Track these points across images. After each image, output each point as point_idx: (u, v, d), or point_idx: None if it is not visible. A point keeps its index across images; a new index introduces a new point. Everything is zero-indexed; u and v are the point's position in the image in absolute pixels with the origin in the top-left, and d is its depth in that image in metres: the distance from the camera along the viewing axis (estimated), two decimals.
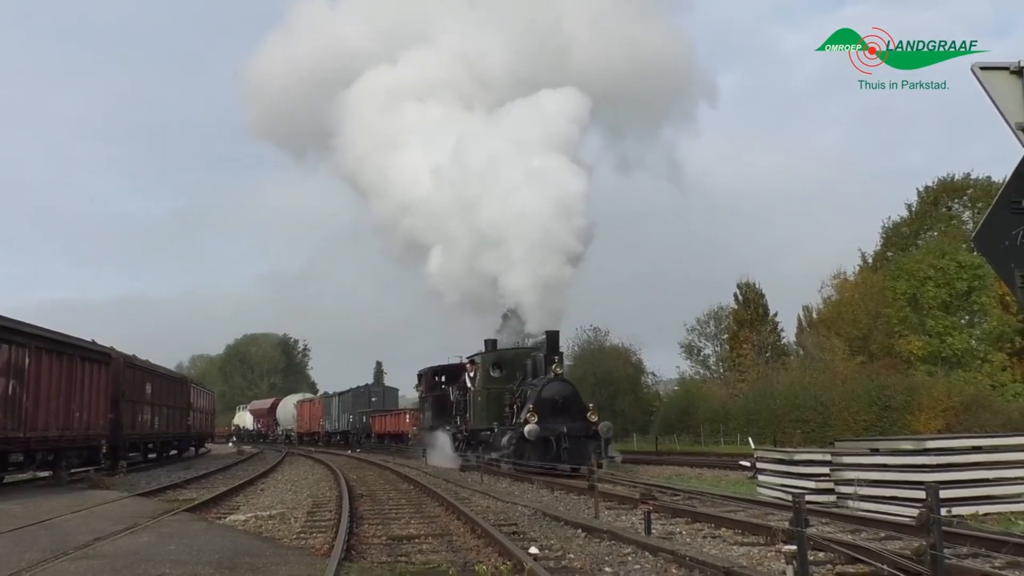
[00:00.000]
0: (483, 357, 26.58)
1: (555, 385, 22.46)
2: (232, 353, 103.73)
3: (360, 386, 56.51)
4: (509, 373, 25.46)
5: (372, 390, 56.09)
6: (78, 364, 19.81)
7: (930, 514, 6.07)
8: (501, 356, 26.52)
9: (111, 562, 8.53)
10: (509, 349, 26.77)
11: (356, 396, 54.10)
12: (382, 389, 57.28)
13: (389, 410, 48.87)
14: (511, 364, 25.70)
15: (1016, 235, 4.88)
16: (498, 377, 25.73)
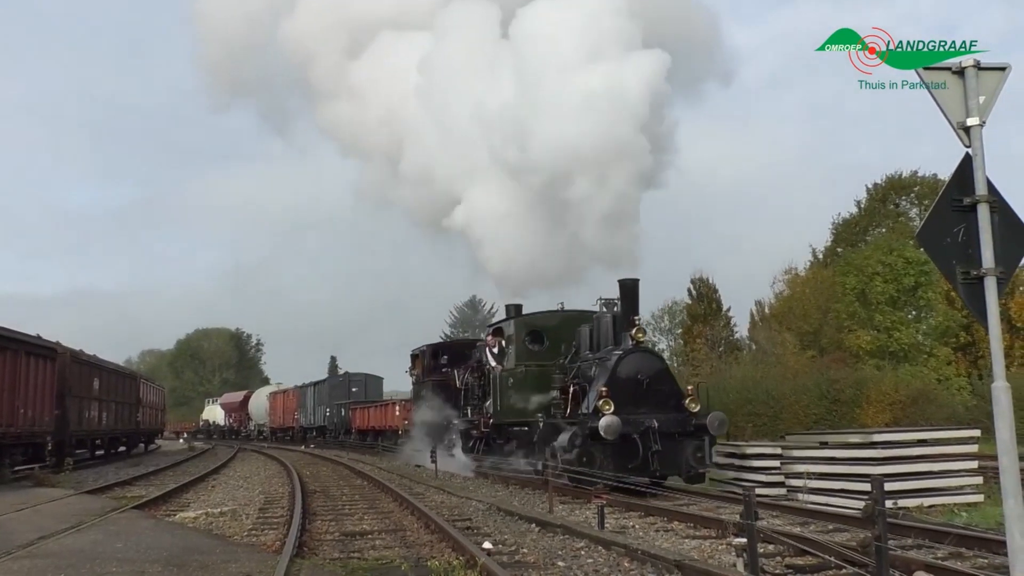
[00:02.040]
0: (515, 324, 19.09)
1: (636, 359, 15.45)
2: (183, 348, 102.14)
3: (338, 374, 50.39)
4: (552, 345, 18.56)
5: (352, 379, 48.76)
6: (22, 359, 19.34)
7: (875, 506, 6.19)
8: (542, 322, 19.31)
9: (55, 561, 8.35)
10: (552, 312, 19.52)
11: (333, 386, 47.99)
12: (364, 378, 49.25)
13: (372, 401, 41.36)
14: (556, 332, 18.76)
15: (957, 232, 4.99)
16: (538, 351, 18.70)
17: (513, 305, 20.61)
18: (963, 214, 5.02)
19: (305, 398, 51.93)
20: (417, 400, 27.12)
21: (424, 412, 25.30)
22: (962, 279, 4.98)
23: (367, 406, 40.10)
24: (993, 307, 4.96)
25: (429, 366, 25.86)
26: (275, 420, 57.84)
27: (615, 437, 14.03)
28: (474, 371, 21.77)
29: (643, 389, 15.15)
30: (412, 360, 28.09)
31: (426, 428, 24.92)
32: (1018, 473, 4.93)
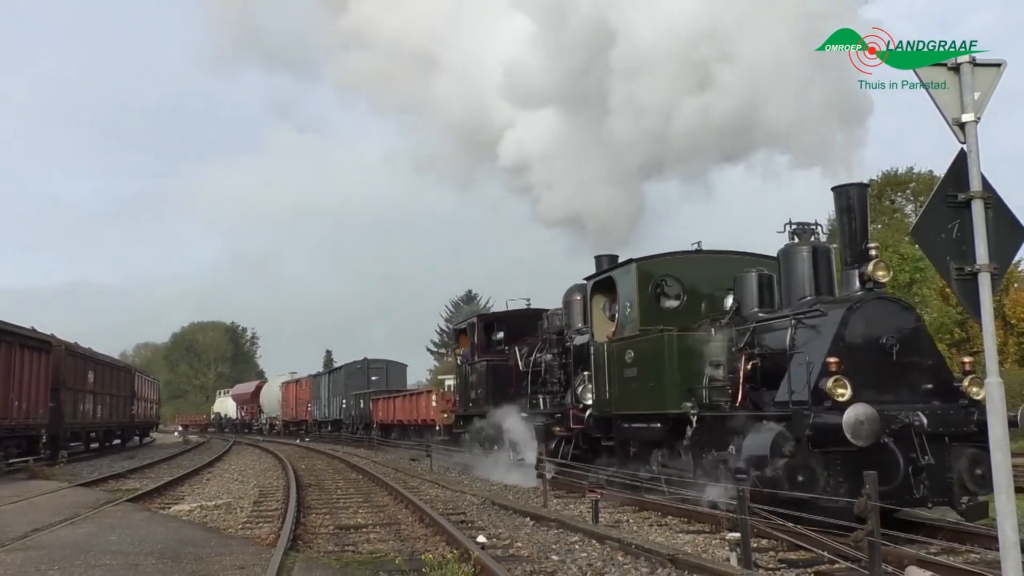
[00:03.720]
0: (637, 273, 12.83)
1: (877, 311, 9.71)
2: (178, 341, 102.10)
3: (356, 361, 43.71)
4: (691, 301, 12.87)
5: (372, 365, 42.75)
6: (16, 352, 19.34)
7: (868, 501, 6.22)
8: (679, 268, 13.11)
9: (50, 553, 8.36)
10: (690, 253, 13.32)
11: (351, 374, 42.35)
12: (385, 365, 43.54)
13: (398, 391, 35.68)
14: (700, 283, 12.99)
15: (952, 228, 5.00)
16: (673, 310, 12.76)
17: (607, 256, 15.02)
18: (958, 210, 5.03)
19: (319, 388, 46.88)
20: (464, 387, 21.28)
21: (473, 401, 20.25)
22: (956, 275, 4.99)
23: (392, 396, 33.98)
24: (987, 303, 4.97)
25: (480, 343, 20.17)
26: (287, 412, 53.27)
27: (867, 441, 8.49)
28: (550, 346, 16.67)
29: (891, 362, 9.42)
30: (456, 336, 22.79)
31: (476, 422, 19.70)
32: (1010, 469, 4.95)
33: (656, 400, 11.78)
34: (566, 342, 15.96)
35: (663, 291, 13.00)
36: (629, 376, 12.55)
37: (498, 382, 18.67)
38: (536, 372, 17.14)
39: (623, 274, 13.36)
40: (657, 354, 11.84)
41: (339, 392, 42.61)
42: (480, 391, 19.55)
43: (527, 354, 17.78)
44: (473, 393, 20.18)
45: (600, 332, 14.03)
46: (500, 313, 21.31)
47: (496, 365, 19.15)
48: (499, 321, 20.79)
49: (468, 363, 20.90)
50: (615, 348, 13.08)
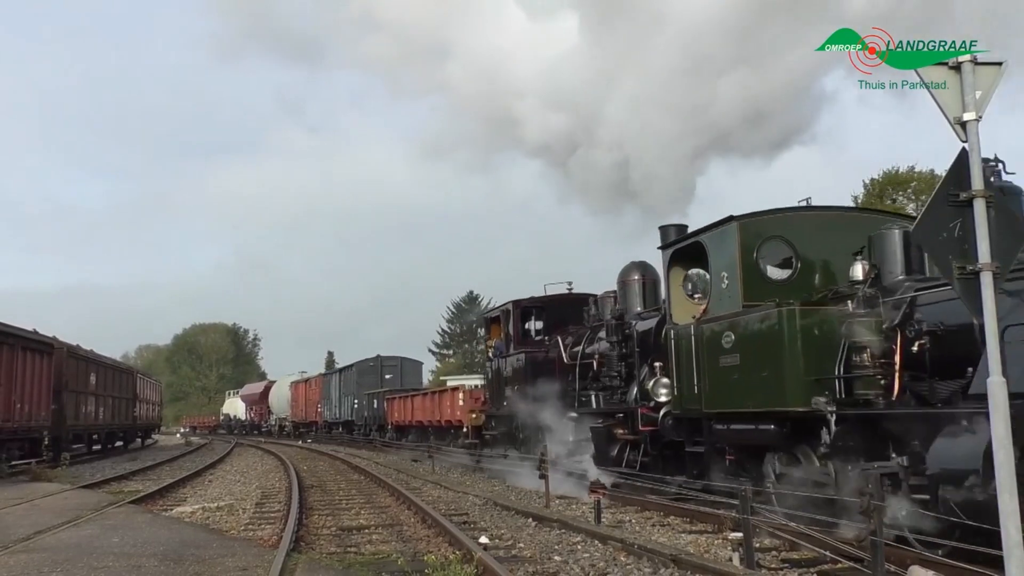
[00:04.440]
0: (739, 234, 10.21)
1: None
2: (180, 343, 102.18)
3: (368, 358, 41.21)
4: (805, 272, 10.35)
5: (385, 363, 40.71)
6: (18, 354, 19.36)
7: (871, 501, 6.21)
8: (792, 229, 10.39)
9: (52, 555, 8.36)
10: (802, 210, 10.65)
11: (363, 372, 40.07)
12: (399, 362, 41.65)
13: (415, 390, 32.87)
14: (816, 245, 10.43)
15: (953, 227, 5.00)
16: (785, 281, 10.26)
17: (675, 225, 12.70)
18: (959, 209, 5.03)
19: (329, 387, 44.74)
20: (496, 383, 19.00)
21: (507, 399, 17.91)
22: (958, 274, 4.99)
23: (409, 395, 30.99)
24: (989, 302, 4.97)
25: (516, 333, 18.02)
26: (296, 413, 51.24)
27: None
28: (609, 333, 13.86)
29: None
30: (487, 326, 20.63)
31: (515, 424, 17.57)
32: (1013, 469, 4.95)
33: (771, 395, 9.24)
34: (626, 328, 13.59)
35: (770, 258, 10.35)
36: (728, 365, 10.01)
37: (538, 377, 16.37)
38: (586, 365, 14.89)
39: (719, 238, 10.55)
40: (773, 336, 9.20)
41: (350, 391, 40.35)
42: (516, 387, 17.23)
43: (572, 344, 15.70)
44: (508, 390, 17.78)
45: (681, 313, 11.48)
46: (539, 299, 18.45)
47: (536, 357, 16.87)
48: (538, 308, 18.40)
49: (501, 356, 18.45)
50: (706, 331, 10.52)
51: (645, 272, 14.35)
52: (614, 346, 13.82)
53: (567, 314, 17.24)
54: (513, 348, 18.01)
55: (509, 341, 18.31)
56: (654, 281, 14.41)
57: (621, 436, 13.26)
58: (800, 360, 8.92)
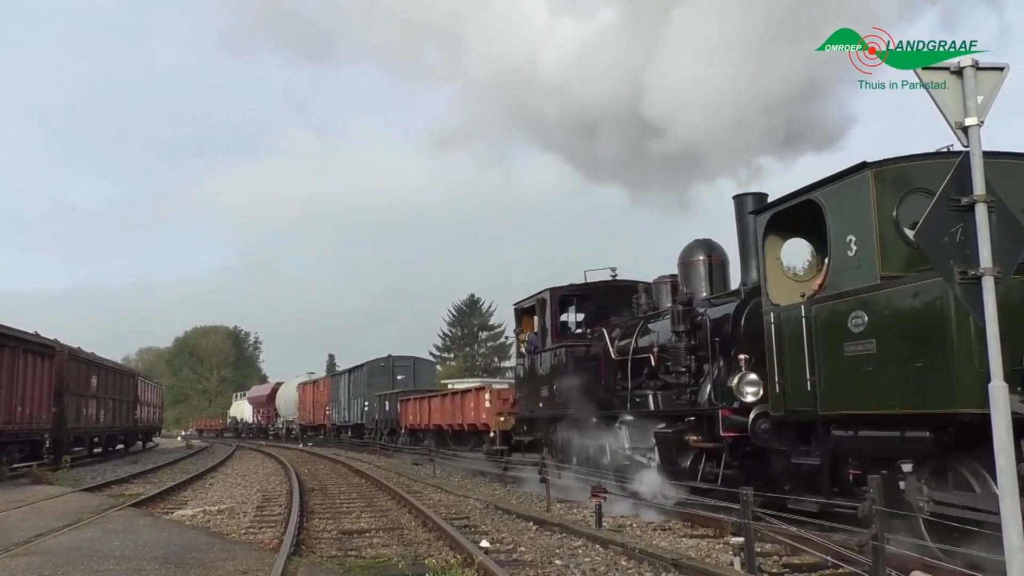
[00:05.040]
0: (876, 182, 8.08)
1: None
2: (181, 346, 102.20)
3: (379, 358, 39.07)
4: None
5: (397, 363, 38.71)
6: (20, 357, 19.37)
7: (873, 506, 6.20)
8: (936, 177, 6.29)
9: (53, 558, 8.36)
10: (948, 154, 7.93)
11: (373, 373, 37.86)
12: (412, 362, 39.77)
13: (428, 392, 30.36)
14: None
15: (955, 232, 5.00)
16: None
17: (752, 194, 11.11)
18: (961, 214, 5.03)
19: (338, 389, 42.68)
20: (530, 381, 16.87)
21: (548, 402, 15.76)
22: (960, 279, 4.99)
23: (426, 397, 28.50)
24: (991, 306, 4.96)
25: (554, 325, 15.92)
26: (304, 416, 49.41)
27: None
28: (677, 321, 11.60)
29: None
30: (518, 318, 18.10)
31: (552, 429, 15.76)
32: (1015, 472, 4.95)
33: (928, 392, 7.25)
34: (695, 316, 11.53)
35: (914, 216, 7.45)
36: (857, 354, 8.01)
37: (581, 375, 14.49)
38: (640, 360, 12.91)
39: (843, 192, 8.54)
40: (935, 316, 7.21)
41: (360, 393, 38.30)
42: (555, 386, 15.20)
43: (620, 337, 13.79)
44: (544, 389, 15.77)
45: (782, 291, 9.66)
46: (580, 286, 16.25)
47: (578, 352, 14.84)
48: (579, 296, 16.24)
49: (537, 351, 16.35)
50: (823, 312, 8.53)
51: (712, 252, 12.43)
52: (681, 337, 11.53)
53: (611, 303, 15.36)
54: (551, 342, 15.78)
55: (545, 334, 16.04)
56: (722, 262, 12.58)
57: (695, 444, 10.93)
58: (975, 348, 6.68)
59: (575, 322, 16.40)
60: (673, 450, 11.30)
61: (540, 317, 16.40)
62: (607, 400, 13.87)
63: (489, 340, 72.91)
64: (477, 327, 72.98)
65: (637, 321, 13.61)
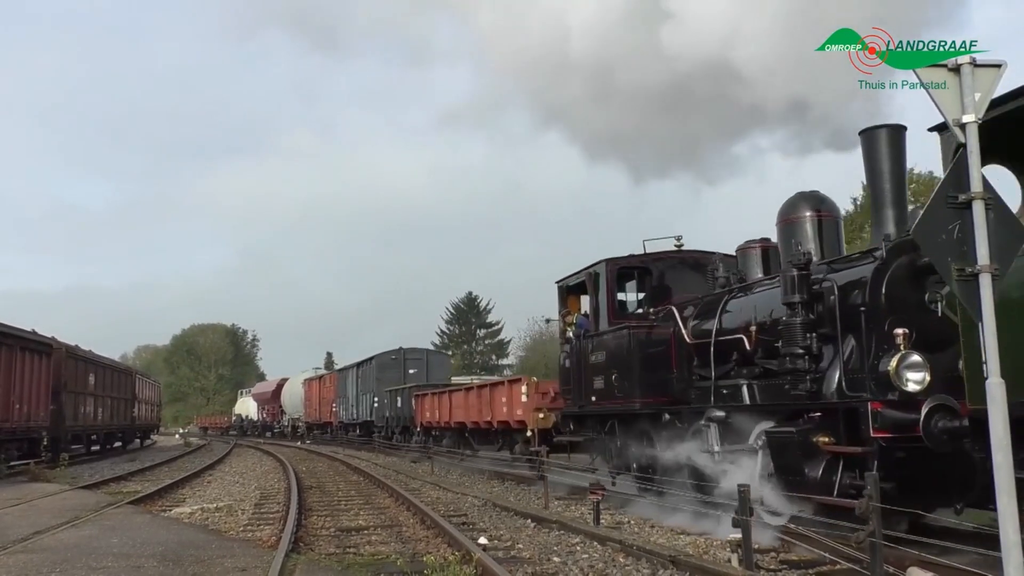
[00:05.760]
0: None
1: None
2: (179, 343, 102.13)
3: (390, 351, 36.18)
4: None
5: (409, 356, 35.89)
6: (17, 354, 19.36)
7: (870, 503, 6.22)
8: None
9: (51, 556, 8.36)
10: None
11: (383, 366, 35.04)
12: (424, 355, 36.98)
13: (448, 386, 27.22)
14: None
15: (952, 229, 5.00)
16: None
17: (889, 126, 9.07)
18: (958, 211, 5.03)
19: (345, 385, 39.91)
20: (580, 371, 14.02)
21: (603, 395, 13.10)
22: (957, 276, 4.99)
23: (446, 391, 25.20)
24: (988, 304, 4.97)
25: (610, 303, 13.35)
26: (310, 413, 47.05)
27: None
28: (789, 290, 9.08)
29: None
30: (563, 297, 15.29)
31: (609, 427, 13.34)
32: (1012, 470, 4.95)
33: None
34: (816, 283, 9.11)
35: None
36: None
37: (648, 362, 12.03)
38: (727, 343, 10.65)
39: None
40: None
41: (369, 388, 35.40)
42: (613, 376, 12.65)
43: (696, 316, 11.66)
44: (598, 380, 13.19)
45: None
46: (644, 257, 13.67)
47: (642, 335, 12.22)
48: (640, 269, 13.63)
49: (588, 335, 13.77)
50: None
51: (821, 205, 10.25)
52: (796, 310, 9.02)
53: (679, 278, 13.26)
54: (606, 323, 13.19)
55: (598, 315, 13.47)
56: (834, 219, 10.57)
57: (828, 447, 8.29)
58: None
59: (635, 300, 13.84)
60: (796, 455, 8.53)
61: (592, 295, 13.77)
62: (682, 392, 11.60)
63: (487, 338, 73.00)
64: (475, 325, 73.05)
65: (718, 296, 11.34)
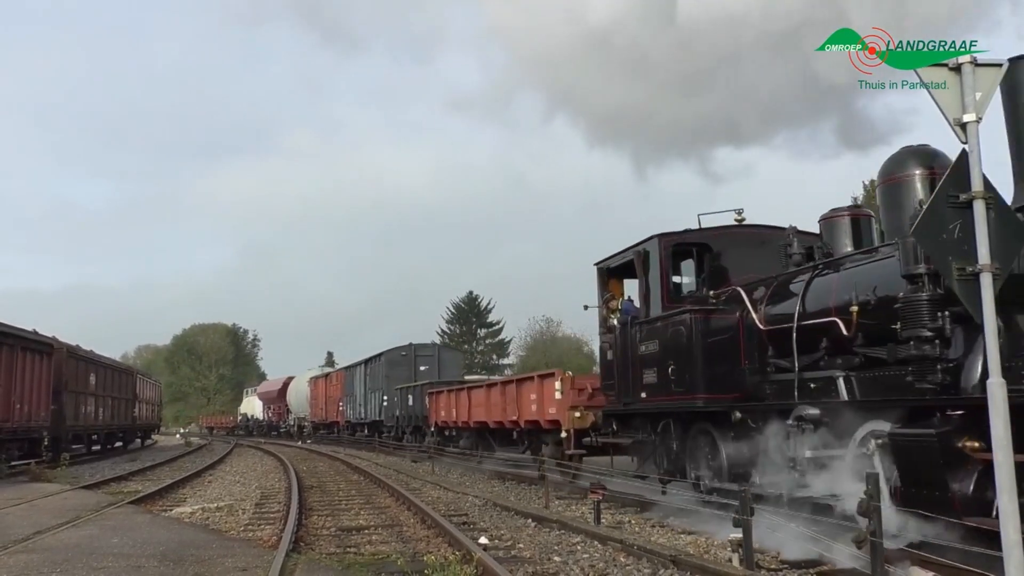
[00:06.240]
0: None
1: None
2: (180, 343, 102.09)
3: (400, 347, 34.35)
4: None
5: (420, 352, 34.20)
6: (18, 354, 19.36)
7: (870, 501, 6.22)
8: None
9: (52, 556, 8.36)
10: None
11: (392, 363, 33.22)
12: (435, 350, 35.50)
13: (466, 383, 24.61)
14: None
15: (953, 228, 5.00)
16: None
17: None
18: (959, 210, 5.04)
19: (352, 383, 38.15)
20: (625, 364, 12.31)
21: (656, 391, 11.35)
22: (958, 275, 5.00)
23: (465, 388, 22.85)
24: (989, 303, 4.97)
25: (665, 284, 11.67)
26: (316, 413, 45.60)
27: None
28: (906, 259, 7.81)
29: None
30: (602, 280, 13.53)
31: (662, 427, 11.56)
32: (1012, 469, 4.96)
33: None
34: None
35: None
36: None
37: (711, 352, 10.38)
38: (814, 328, 9.15)
39: None
40: None
41: (378, 386, 33.63)
42: (673, 368, 10.85)
43: (767, 300, 10.14)
44: (651, 373, 11.40)
45: None
46: (702, 232, 11.97)
47: (704, 321, 10.49)
48: (699, 246, 11.83)
49: (637, 321, 11.99)
50: None
51: (934, 162, 8.66)
52: (921, 284, 7.65)
53: (740, 257, 11.54)
54: (660, 308, 11.45)
55: (649, 298, 11.81)
56: None
57: (977, 453, 6.57)
58: None
59: (692, 283, 12.05)
60: (934, 464, 6.95)
61: (641, 275, 12.06)
62: (755, 387, 10.06)
63: (488, 337, 72.98)
64: (476, 324, 73.04)
65: (792, 276, 10.08)
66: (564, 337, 54.64)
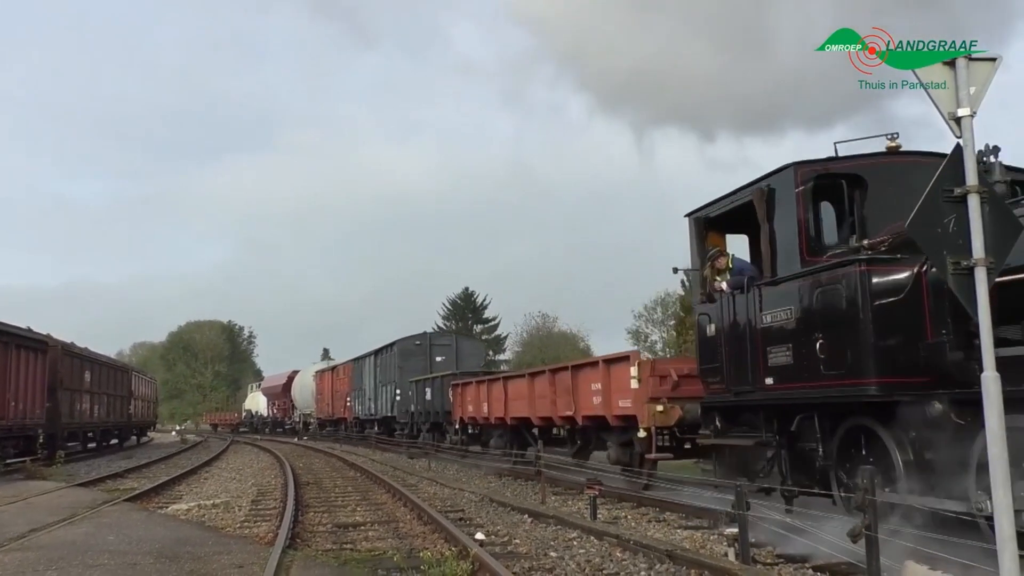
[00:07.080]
0: None
1: None
2: (175, 340, 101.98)
3: (414, 336, 31.80)
4: None
5: (435, 341, 31.58)
6: (13, 352, 19.32)
7: (865, 495, 6.23)
8: None
9: (47, 553, 8.35)
10: None
11: (406, 354, 30.48)
12: (454, 340, 32.80)
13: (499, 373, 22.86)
14: None
15: (948, 223, 5.01)
16: None
17: None
18: (954, 205, 5.04)
19: (361, 376, 35.46)
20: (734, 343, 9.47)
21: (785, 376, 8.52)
22: (952, 269, 5.00)
23: (499, 379, 19.73)
24: (983, 297, 4.98)
25: (800, 229, 8.66)
26: (322, 408, 43.27)
27: None
28: None
29: None
30: (699, 232, 10.58)
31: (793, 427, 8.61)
32: (1007, 463, 4.97)
33: None
34: None
35: None
36: None
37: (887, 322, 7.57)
38: None
39: None
40: None
41: (390, 379, 30.94)
42: (823, 344, 8.01)
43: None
44: (783, 351, 8.60)
45: None
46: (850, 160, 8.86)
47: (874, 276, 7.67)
48: (849, 178, 8.81)
49: (755, 283, 9.25)
50: None
51: None
52: None
53: (901, 196, 8.17)
54: (800, 263, 8.61)
55: (776, 252, 9.06)
56: None
57: None
58: None
59: (834, 229, 9.09)
60: None
61: (766, 221, 9.17)
62: (959, 366, 7.03)
63: (484, 333, 72.96)
64: (472, 320, 73.01)
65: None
66: (560, 333, 54.73)
